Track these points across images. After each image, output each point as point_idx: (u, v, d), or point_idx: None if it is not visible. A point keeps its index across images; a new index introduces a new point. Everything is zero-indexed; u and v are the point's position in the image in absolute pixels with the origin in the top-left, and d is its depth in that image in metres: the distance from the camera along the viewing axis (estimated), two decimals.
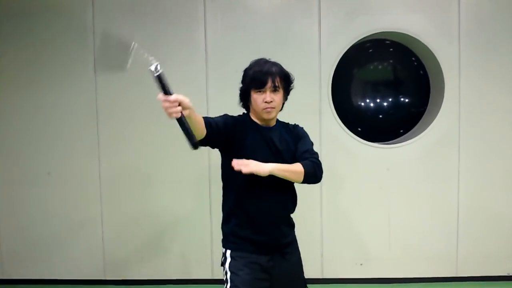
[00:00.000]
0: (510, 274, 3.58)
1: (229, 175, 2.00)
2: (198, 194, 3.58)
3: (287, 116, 2.14)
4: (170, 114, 1.53)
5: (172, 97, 1.51)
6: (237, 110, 2.10)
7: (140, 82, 3.52)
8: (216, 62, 3.52)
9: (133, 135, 3.58)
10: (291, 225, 2.14)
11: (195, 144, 1.61)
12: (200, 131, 1.76)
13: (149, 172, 3.60)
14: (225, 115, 1.99)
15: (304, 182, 1.95)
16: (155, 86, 1.51)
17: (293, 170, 1.91)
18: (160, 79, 1.51)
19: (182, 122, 1.56)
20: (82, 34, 3.54)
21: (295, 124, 2.15)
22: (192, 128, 1.60)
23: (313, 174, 1.96)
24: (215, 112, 3.43)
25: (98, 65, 1.63)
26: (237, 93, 2.06)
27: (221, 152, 2.04)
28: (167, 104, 1.51)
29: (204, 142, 1.82)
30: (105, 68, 1.62)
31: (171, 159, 3.56)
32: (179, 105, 1.52)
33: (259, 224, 1.99)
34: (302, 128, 2.14)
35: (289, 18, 3.49)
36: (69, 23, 3.55)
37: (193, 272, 3.65)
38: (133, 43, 1.53)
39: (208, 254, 3.61)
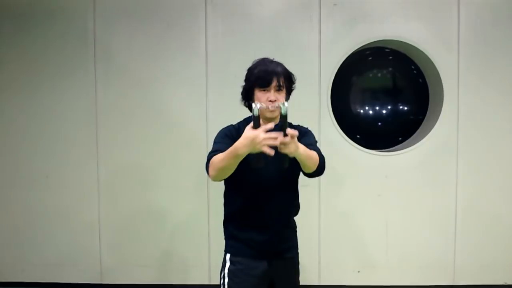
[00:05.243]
0: (507, 284, 3.57)
1: (233, 178, 2.00)
2: (196, 198, 3.58)
3: None
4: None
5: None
6: (236, 114, 2.11)
7: (139, 85, 3.56)
8: (216, 66, 3.53)
9: (132, 138, 3.58)
10: (292, 228, 2.14)
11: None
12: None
13: (148, 176, 3.59)
14: (224, 136, 1.99)
15: (313, 172, 1.89)
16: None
17: (312, 156, 1.84)
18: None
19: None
20: (83, 38, 3.56)
21: (299, 125, 2.11)
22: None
23: (323, 166, 1.91)
24: (214, 116, 3.49)
25: None
26: (236, 97, 2.06)
27: None
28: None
29: None
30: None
31: (170, 163, 3.56)
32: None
33: (259, 227, 1.99)
34: (307, 128, 2.12)
35: (290, 25, 3.51)
36: (70, 27, 3.57)
37: (190, 277, 3.63)
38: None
39: (205, 259, 3.60)
